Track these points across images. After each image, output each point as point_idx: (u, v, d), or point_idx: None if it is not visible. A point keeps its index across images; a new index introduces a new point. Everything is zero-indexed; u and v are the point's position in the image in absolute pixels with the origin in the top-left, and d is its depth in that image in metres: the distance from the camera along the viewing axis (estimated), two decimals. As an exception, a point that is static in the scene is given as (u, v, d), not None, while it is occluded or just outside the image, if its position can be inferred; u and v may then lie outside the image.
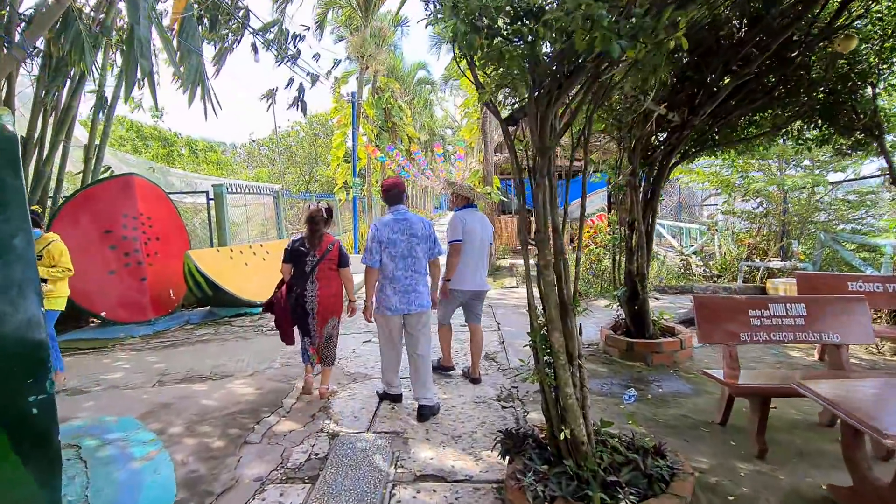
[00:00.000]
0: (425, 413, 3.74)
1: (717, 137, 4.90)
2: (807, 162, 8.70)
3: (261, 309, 7.81)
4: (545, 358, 2.77)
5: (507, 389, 4.44)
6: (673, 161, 4.67)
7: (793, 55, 3.81)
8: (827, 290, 4.74)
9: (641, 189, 4.74)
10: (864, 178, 7.79)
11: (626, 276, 4.95)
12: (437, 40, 17.13)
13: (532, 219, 2.88)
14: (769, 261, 7.94)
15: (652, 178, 4.73)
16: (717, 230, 10.41)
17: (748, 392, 3.00)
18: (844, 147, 4.81)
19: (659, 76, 3.14)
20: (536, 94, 2.54)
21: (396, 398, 4.09)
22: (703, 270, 9.10)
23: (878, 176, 8.04)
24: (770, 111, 4.65)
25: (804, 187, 7.69)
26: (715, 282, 8.88)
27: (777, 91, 4.30)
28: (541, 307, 2.87)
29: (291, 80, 6.75)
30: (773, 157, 8.08)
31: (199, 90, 5.18)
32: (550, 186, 2.62)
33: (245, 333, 6.71)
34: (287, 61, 7.60)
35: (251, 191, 10.39)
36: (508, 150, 2.66)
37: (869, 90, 4.36)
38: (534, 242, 2.77)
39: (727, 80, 4.07)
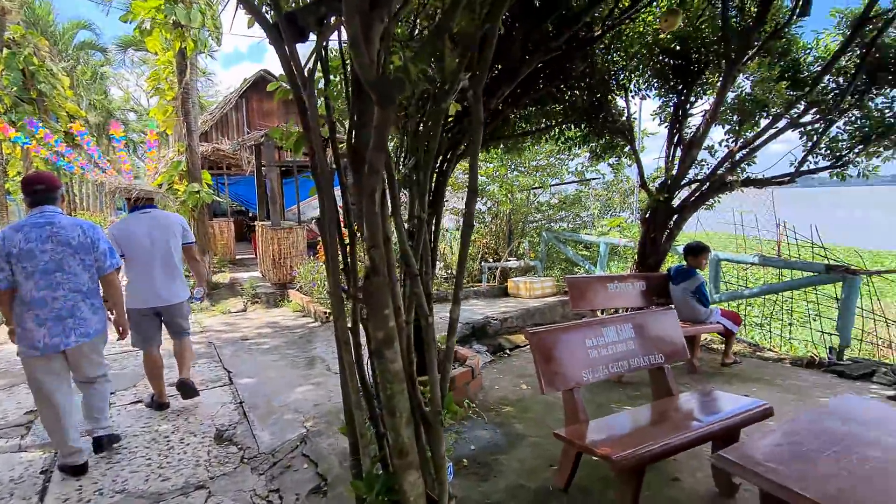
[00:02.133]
0: (104, 443, 3.20)
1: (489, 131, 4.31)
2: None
3: None
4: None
5: (264, 500, 2.82)
6: (460, 151, 3.82)
7: (595, 34, 3.37)
8: (592, 294, 4.72)
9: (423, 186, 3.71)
10: (569, 182, 8.90)
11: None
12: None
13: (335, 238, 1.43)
14: (506, 260, 8.23)
15: (436, 174, 3.77)
16: (445, 230, 10.60)
17: (630, 466, 2.17)
18: (597, 148, 4.88)
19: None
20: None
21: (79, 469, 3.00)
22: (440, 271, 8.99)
23: (572, 182, 9.30)
24: (541, 106, 4.29)
25: (538, 187, 8.21)
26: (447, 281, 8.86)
27: (556, 82, 3.90)
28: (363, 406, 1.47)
29: None
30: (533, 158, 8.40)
31: None
32: (391, 178, 1.24)
33: None
34: None
35: None
36: (291, 86, 1.14)
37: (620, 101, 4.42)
38: (348, 293, 1.34)
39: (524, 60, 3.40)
